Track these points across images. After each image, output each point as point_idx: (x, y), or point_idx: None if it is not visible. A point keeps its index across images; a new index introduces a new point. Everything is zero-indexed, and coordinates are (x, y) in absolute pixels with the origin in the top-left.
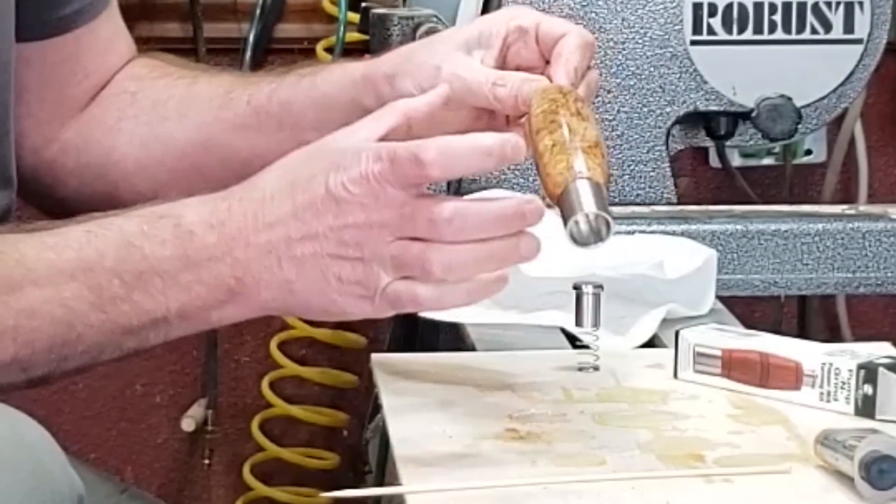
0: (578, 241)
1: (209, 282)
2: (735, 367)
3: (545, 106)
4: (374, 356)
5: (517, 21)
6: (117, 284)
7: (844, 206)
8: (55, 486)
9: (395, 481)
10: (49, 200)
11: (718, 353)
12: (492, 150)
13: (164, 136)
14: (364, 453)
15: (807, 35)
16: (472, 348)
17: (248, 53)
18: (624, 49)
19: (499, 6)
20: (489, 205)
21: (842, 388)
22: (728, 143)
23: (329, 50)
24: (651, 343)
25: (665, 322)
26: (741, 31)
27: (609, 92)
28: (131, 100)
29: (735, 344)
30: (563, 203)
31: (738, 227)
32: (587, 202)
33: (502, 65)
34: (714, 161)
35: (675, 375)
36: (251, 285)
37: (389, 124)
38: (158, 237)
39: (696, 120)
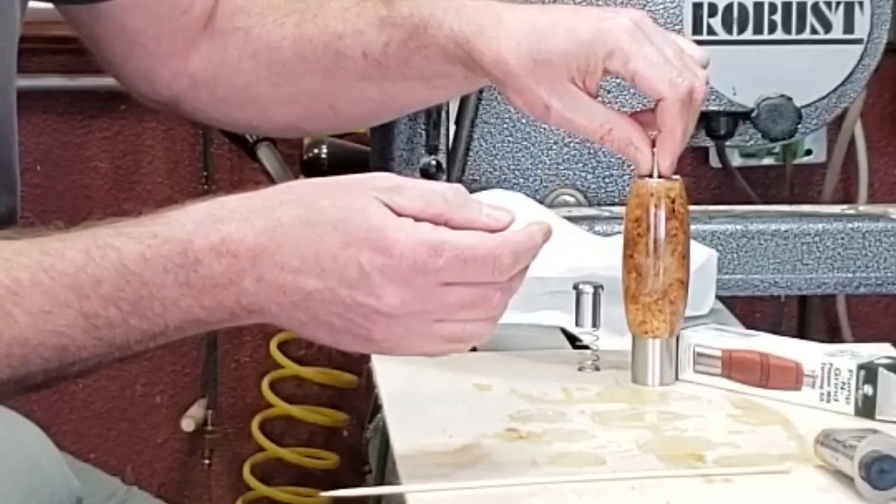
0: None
1: (211, 306)
2: (735, 367)
3: (637, 213)
4: (375, 356)
5: (614, 65)
6: (113, 312)
7: (844, 206)
8: (52, 488)
9: (395, 481)
10: (195, 120)
11: (718, 353)
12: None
13: (291, 78)
14: (364, 453)
15: (807, 35)
16: (473, 348)
17: None
18: None
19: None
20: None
21: (842, 388)
22: (728, 143)
23: None
24: None
25: None
26: (741, 31)
27: (609, 92)
28: (244, 38)
29: (735, 344)
30: (634, 347)
31: (738, 227)
32: (653, 365)
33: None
34: (714, 161)
35: (676, 375)
36: (256, 311)
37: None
38: (160, 264)
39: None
